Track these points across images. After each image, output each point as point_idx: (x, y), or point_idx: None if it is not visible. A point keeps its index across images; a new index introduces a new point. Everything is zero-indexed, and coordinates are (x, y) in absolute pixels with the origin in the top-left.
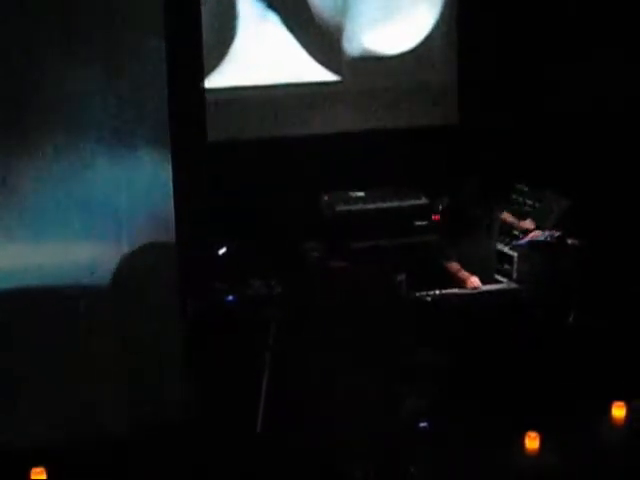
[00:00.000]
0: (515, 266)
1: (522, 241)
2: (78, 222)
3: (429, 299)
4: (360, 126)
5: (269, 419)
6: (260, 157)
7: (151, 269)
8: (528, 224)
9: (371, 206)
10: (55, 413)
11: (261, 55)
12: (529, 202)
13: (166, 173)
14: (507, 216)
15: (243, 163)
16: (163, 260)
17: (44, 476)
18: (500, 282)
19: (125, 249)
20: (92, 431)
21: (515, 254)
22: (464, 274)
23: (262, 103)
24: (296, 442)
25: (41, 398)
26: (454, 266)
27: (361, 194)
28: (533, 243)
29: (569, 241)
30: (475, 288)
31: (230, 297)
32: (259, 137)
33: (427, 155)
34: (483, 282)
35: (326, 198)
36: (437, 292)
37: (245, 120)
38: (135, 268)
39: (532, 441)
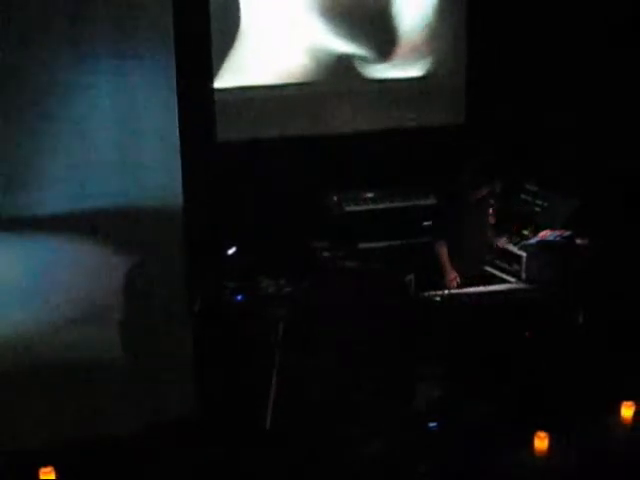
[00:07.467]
0: (524, 266)
1: (531, 241)
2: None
3: (438, 299)
4: (369, 126)
5: (278, 416)
6: (270, 157)
7: (160, 268)
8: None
9: (380, 206)
10: (63, 413)
11: (270, 54)
12: (538, 202)
13: (176, 173)
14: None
15: (252, 163)
16: (173, 259)
17: (53, 476)
18: (509, 282)
19: (134, 248)
20: (101, 430)
21: (524, 254)
22: (447, 267)
23: (272, 103)
24: (305, 439)
25: (49, 398)
26: (443, 254)
27: (370, 194)
28: (542, 243)
29: (578, 241)
30: (450, 285)
31: (239, 296)
32: (268, 136)
33: (436, 155)
34: (471, 272)
35: (335, 198)
36: (446, 292)
37: (254, 119)
38: (144, 267)
39: (541, 441)
